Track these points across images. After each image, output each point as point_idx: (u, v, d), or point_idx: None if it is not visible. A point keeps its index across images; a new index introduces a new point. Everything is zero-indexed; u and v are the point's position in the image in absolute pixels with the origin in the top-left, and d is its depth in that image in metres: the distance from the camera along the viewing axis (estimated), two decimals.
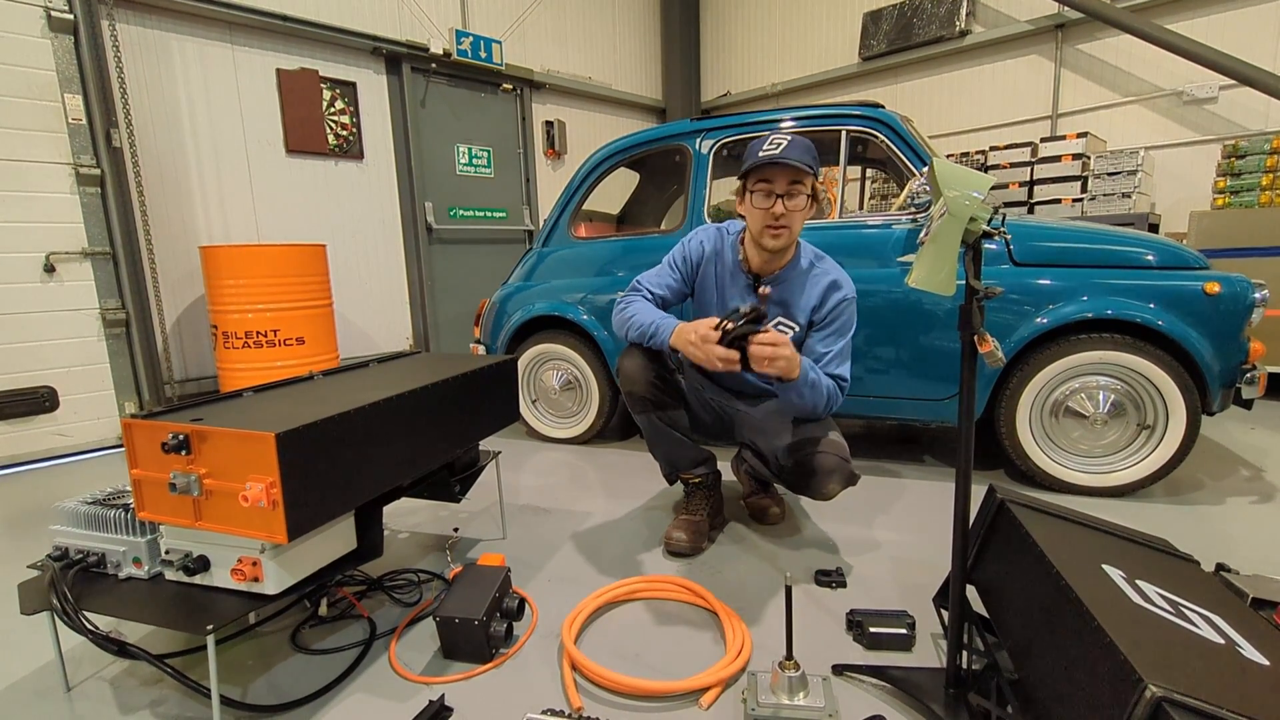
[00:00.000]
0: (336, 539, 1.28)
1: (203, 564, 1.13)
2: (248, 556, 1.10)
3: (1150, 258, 2.06)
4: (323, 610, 1.50)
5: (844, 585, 1.58)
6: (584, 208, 3.00)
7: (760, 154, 1.54)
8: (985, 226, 0.94)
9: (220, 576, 1.13)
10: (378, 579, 1.63)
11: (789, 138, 1.54)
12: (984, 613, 1.26)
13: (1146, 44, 4.12)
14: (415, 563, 1.77)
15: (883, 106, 2.40)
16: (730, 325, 1.40)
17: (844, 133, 2.39)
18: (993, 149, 4.57)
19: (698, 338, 1.44)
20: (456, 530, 1.97)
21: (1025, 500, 1.29)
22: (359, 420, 1.19)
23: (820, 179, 1.61)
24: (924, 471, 2.42)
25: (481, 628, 1.28)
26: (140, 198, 3.36)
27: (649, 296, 1.71)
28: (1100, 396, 2.07)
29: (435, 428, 1.45)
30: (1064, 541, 1.13)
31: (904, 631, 1.32)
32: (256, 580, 1.10)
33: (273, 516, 1.02)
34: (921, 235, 2.22)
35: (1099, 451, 2.11)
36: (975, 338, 0.97)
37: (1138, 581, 1.03)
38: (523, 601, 1.41)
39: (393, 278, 4.74)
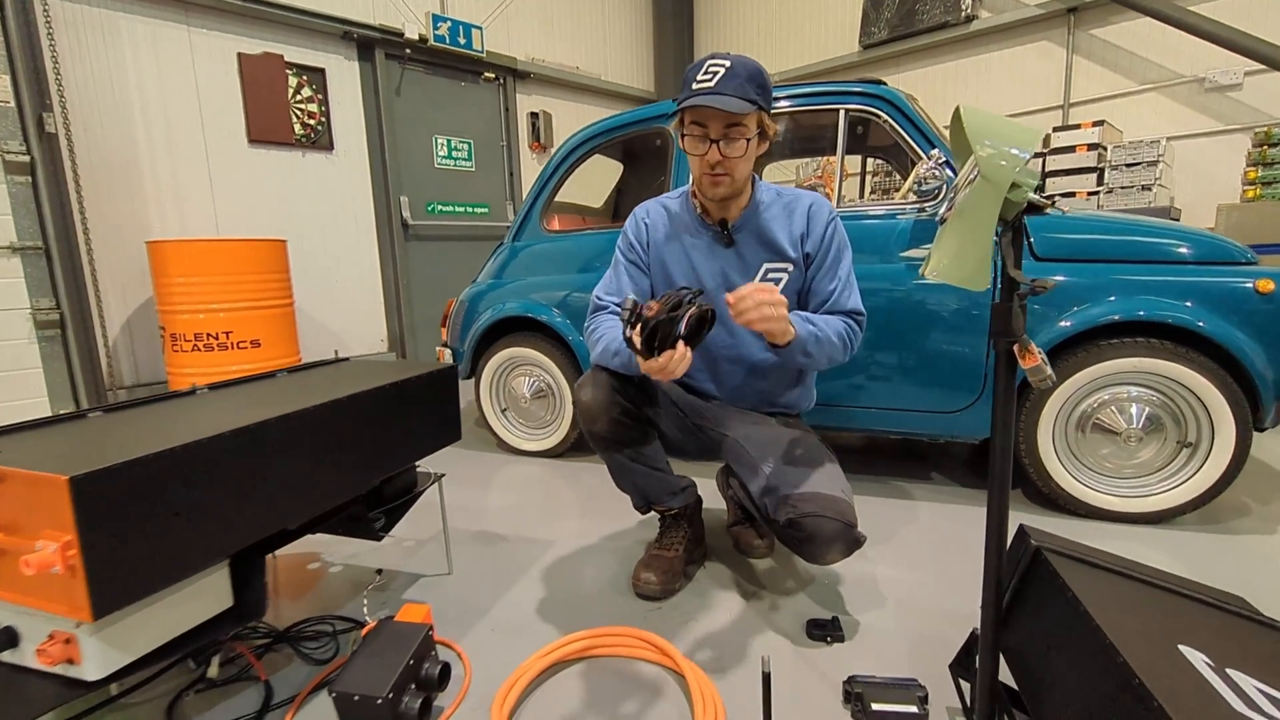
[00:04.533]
0: (203, 597, 1.02)
1: (8, 638, 0.87)
2: (60, 632, 0.84)
3: (1189, 251, 1.80)
4: (213, 671, 1.24)
5: (841, 639, 1.32)
6: (563, 200, 2.75)
7: (694, 86, 1.25)
8: (1031, 196, 0.68)
9: (31, 655, 0.88)
10: (285, 630, 1.37)
11: (727, 63, 1.24)
12: (1011, 683, 1.01)
13: (1165, 27, 3.87)
14: (341, 606, 1.51)
15: (885, 83, 2.15)
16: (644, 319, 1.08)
17: (843, 112, 2.13)
18: None
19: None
20: (380, 573, 1.66)
21: (1065, 549, 1.03)
22: (214, 452, 0.93)
23: (770, 117, 1.33)
24: (932, 492, 2.17)
25: (387, 706, 1.02)
26: (78, 188, 3.10)
27: (615, 310, 1.46)
28: (1134, 409, 1.81)
29: (342, 453, 1.19)
30: (1122, 609, 0.87)
31: (914, 710, 1.06)
32: (71, 663, 0.84)
33: (73, 586, 0.76)
34: (943, 211, 1.93)
35: (1130, 472, 1.85)
36: (1016, 348, 0.71)
37: (1228, 671, 0.78)
38: (447, 666, 1.16)
39: (366, 277, 4.48)
